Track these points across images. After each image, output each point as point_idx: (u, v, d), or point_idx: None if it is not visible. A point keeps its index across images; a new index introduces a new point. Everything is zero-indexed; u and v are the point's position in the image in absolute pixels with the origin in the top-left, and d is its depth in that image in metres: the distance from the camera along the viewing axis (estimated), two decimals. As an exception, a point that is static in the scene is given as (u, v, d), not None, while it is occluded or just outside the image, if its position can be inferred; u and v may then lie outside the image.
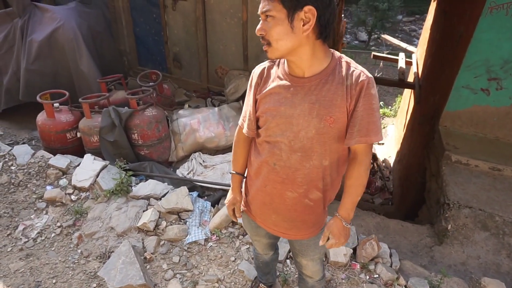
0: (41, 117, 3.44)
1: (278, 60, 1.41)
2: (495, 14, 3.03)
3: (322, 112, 1.29)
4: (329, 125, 1.29)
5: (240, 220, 1.74)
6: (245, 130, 1.50)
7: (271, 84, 1.37)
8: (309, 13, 1.19)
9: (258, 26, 1.25)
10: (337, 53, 1.35)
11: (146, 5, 4.60)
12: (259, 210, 1.59)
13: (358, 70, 1.29)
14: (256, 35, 1.31)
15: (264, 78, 1.41)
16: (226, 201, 1.72)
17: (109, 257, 2.46)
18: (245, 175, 1.66)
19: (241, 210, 1.70)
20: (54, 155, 3.27)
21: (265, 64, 1.45)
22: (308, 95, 1.30)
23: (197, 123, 3.69)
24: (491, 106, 3.42)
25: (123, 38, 4.91)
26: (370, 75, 1.30)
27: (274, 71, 1.40)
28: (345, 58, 1.34)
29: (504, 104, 3.37)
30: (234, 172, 1.66)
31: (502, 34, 3.10)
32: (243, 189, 1.68)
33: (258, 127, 1.47)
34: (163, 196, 2.90)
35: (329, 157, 1.37)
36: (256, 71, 1.45)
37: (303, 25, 1.20)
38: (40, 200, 2.93)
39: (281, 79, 1.36)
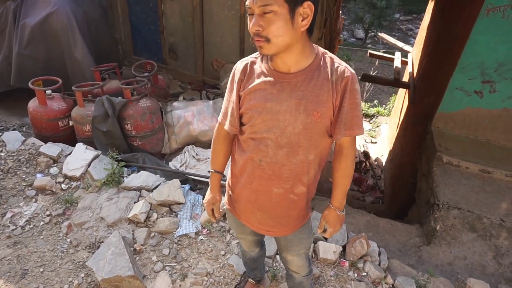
0: (32, 104, 3.39)
1: (262, 55, 1.40)
2: (491, 16, 3.05)
3: (309, 107, 1.30)
4: (316, 120, 1.31)
5: (220, 220, 1.73)
6: (227, 127, 1.48)
7: (256, 80, 1.36)
8: (307, 8, 1.19)
9: (253, 22, 1.19)
10: (320, 49, 1.36)
11: (143, -7, 4.53)
12: (243, 208, 1.58)
13: (343, 66, 1.32)
14: None
15: (247, 74, 1.39)
16: (205, 200, 1.69)
17: (98, 247, 2.45)
18: (225, 174, 1.64)
19: (225, 208, 1.69)
20: (45, 142, 3.23)
21: (248, 59, 1.42)
22: (294, 91, 1.30)
23: (191, 115, 3.67)
24: (483, 109, 3.45)
25: (119, 26, 4.84)
26: (353, 71, 1.34)
27: (258, 67, 1.38)
28: (328, 54, 1.36)
29: (496, 107, 3.40)
30: (213, 170, 1.63)
31: (498, 36, 3.12)
32: (226, 188, 1.66)
33: (241, 124, 1.45)
34: (155, 188, 2.88)
35: (314, 151, 1.39)
36: (239, 66, 1.42)
37: (302, 21, 1.20)
38: (30, 188, 2.89)
39: (266, 75, 1.34)
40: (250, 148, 1.42)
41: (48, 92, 3.39)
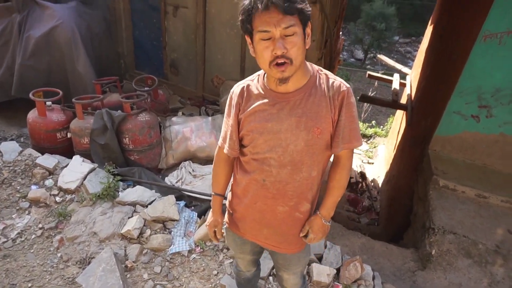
0: (32, 115, 3.40)
1: (257, 77, 1.43)
2: (488, 42, 3.10)
3: (309, 124, 1.33)
4: (316, 136, 1.34)
5: (222, 240, 1.73)
6: (226, 151, 1.50)
7: (255, 102, 1.38)
8: (309, 27, 1.26)
9: (278, 45, 1.18)
10: (314, 66, 1.40)
11: (147, 9, 4.61)
12: (248, 226, 1.59)
13: (338, 81, 1.37)
14: None
15: (245, 97, 1.42)
16: (206, 223, 1.71)
17: (89, 263, 2.41)
18: (226, 196, 1.65)
19: (225, 227, 1.70)
20: (43, 154, 3.23)
21: (244, 82, 1.45)
22: (294, 109, 1.34)
23: (190, 131, 3.68)
24: (480, 133, 3.47)
25: (122, 40, 4.91)
26: (348, 85, 1.38)
27: (254, 89, 1.40)
28: (323, 71, 1.40)
29: (493, 132, 3.42)
30: (214, 193, 1.65)
31: (494, 62, 3.16)
32: (227, 207, 1.67)
33: (242, 146, 1.47)
34: (150, 203, 2.86)
35: (317, 167, 1.42)
36: (236, 90, 1.45)
37: (307, 39, 1.26)
38: (24, 200, 2.87)
39: (264, 96, 1.37)
40: (253, 169, 1.44)
41: (48, 103, 3.41)
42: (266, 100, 1.36)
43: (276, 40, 1.19)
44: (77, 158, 3.16)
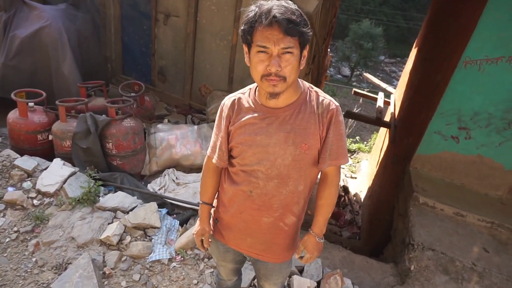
0: (12, 115, 3.32)
1: (248, 90, 1.46)
2: (469, 68, 3.24)
3: (297, 140, 1.36)
4: (304, 151, 1.37)
5: (208, 250, 1.73)
6: (215, 161, 1.52)
7: (245, 116, 1.41)
8: (305, 51, 1.30)
9: (273, 62, 1.21)
10: (306, 83, 1.44)
11: (138, 16, 4.61)
12: (232, 235, 1.60)
13: (327, 99, 1.41)
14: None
15: (235, 109, 1.44)
16: (194, 231, 1.69)
17: (65, 268, 2.34)
18: (214, 205, 1.66)
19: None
20: (22, 155, 3.14)
21: (235, 95, 1.48)
22: (283, 124, 1.37)
23: (175, 139, 3.66)
24: (459, 154, 3.58)
25: (110, 44, 4.88)
26: (337, 104, 1.42)
27: (246, 102, 1.43)
28: (314, 88, 1.44)
29: (471, 153, 3.54)
30: (202, 202, 1.65)
31: (474, 87, 3.30)
32: (212, 214, 1.67)
33: (231, 157, 1.49)
34: (131, 210, 2.82)
35: (303, 182, 1.45)
36: (227, 103, 1.48)
37: (302, 60, 1.30)
38: (-1, 201, 2.78)
39: (254, 110, 1.40)
40: (240, 180, 1.46)
41: (31, 104, 3.34)
42: (256, 114, 1.39)
43: (273, 57, 1.22)
44: (57, 161, 3.10)
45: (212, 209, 1.66)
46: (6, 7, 3.95)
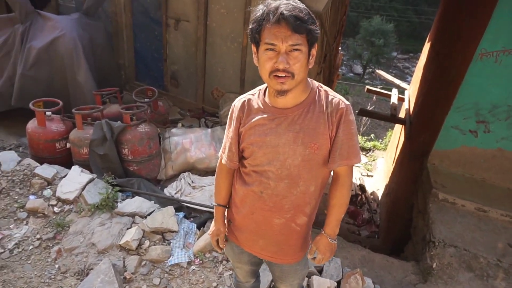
0: (31, 125, 3.40)
1: (258, 91, 1.46)
2: (485, 60, 3.16)
3: (306, 140, 1.35)
4: (314, 151, 1.36)
5: (224, 250, 1.73)
6: (225, 162, 1.53)
7: (255, 117, 1.41)
8: (314, 49, 1.29)
9: (281, 59, 1.22)
10: (315, 83, 1.42)
11: (148, 22, 4.67)
12: (244, 237, 1.60)
13: (337, 98, 1.39)
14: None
15: (245, 111, 1.45)
16: (209, 231, 1.71)
17: (87, 274, 2.38)
18: (228, 205, 1.66)
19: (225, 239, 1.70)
20: (41, 164, 3.21)
21: (245, 97, 1.48)
22: (292, 124, 1.36)
23: (189, 143, 3.68)
24: (478, 148, 3.50)
25: (123, 52, 4.95)
26: (348, 102, 1.40)
27: (255, 103, 1.43)
28: (323, 87, 1.43)
29: (491, 147, 3.45)
30: (216, 204, 1.66)
31: (491, 80, 3.22)
32: (226, 215, 1.68)
33: (243, 158, 1.50)
34: (149, 214, 2.84)
35: (314, 182, 1.44)
36: (237, 104, 1.48)
37: (311, 59, 1.29)
38: (22, 210, 2.84)
39: (263, 111, 1.40)
40: (252, 180, 1.46)
41: (48, 113, 3.42)
42: (265, 115, 1.39)
43: (281, 54, 1.22)
44: (75, 169, 3.15)
45: (226, 210, 1.66)
46: (22, 19, 4.05)
